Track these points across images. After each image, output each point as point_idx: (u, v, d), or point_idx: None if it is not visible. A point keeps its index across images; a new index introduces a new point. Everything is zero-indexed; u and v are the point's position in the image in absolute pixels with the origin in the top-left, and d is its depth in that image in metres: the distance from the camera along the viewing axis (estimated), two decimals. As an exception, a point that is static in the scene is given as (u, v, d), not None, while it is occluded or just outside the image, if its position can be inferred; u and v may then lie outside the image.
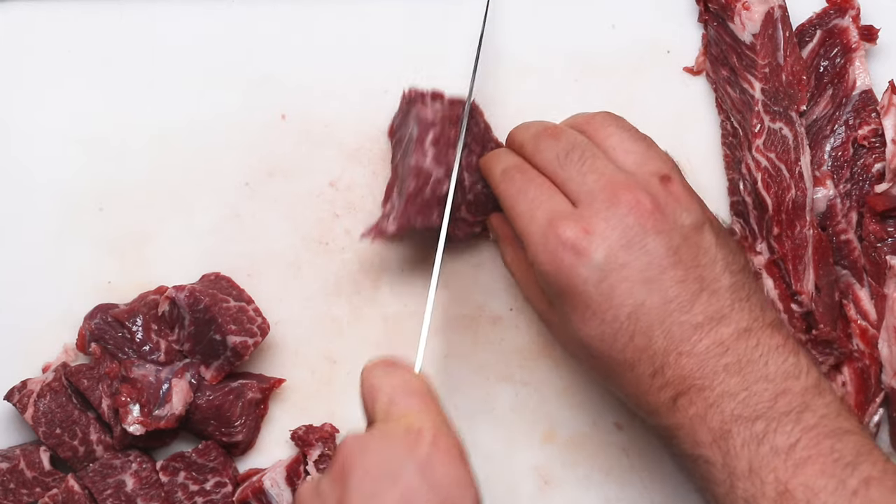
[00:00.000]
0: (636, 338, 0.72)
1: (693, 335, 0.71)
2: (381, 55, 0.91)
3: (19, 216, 0.89)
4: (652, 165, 0.76)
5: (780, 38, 0.86)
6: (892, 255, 0.85)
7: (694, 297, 0.72)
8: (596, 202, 0.73)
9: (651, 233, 0.72)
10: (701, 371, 0.71)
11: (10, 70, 0.91)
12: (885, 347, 0.84)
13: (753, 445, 0.69)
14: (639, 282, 0.72)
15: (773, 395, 0.70)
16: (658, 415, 0.73)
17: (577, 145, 0.76)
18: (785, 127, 0.85)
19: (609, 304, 0.72)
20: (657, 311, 0.72)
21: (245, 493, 0.84)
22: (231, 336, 0.83)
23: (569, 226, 0.73)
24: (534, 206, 0.75)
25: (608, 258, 0.72)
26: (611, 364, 0.74)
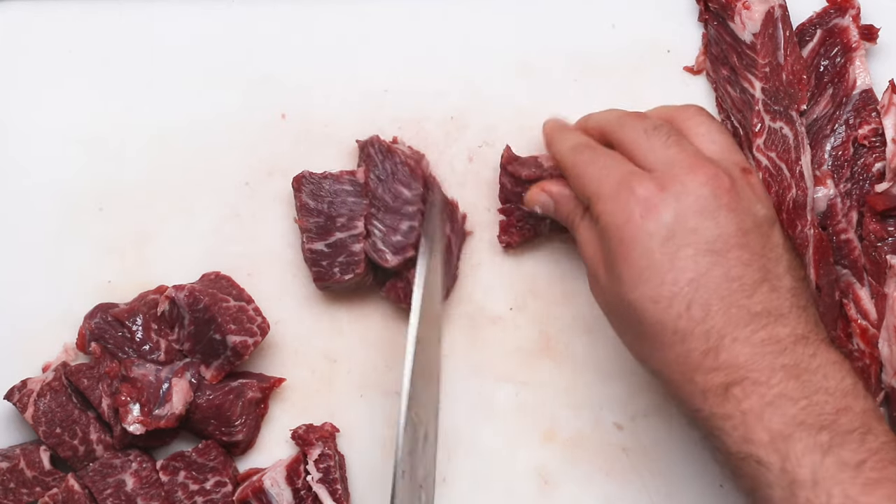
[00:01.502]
0: (693, 308, 0.70)
1: (751, 323, 0.70)
2: (381, 55, 0.91)
3: (19, 216, 0.89)
4: (736, 156, 0.76)
5: (780, 37, 0.86)
6: (892, 254, 0.85)
7: (756, 284, 0.71)
8: (675, 168, 0.73)
9: (724, 208, 0.72)
10: (757, 364, 0.69)
11: (10, 70, 0.91)
12: (885, 347, 0.84)
13: (818, 455, 0.67)
14: (705, 251, 0.71)
15: (834, 410, 0.68)
16: (705, 400, 0.70)
17: (663, 125, 0.76)
18: (785, 126, 0.85)
19: (671, 266, 0.71)
20: (719, 285, 0.70)
21: (245, 492, 0.84)
22: (231, 335, 0.83)
23: (643, 182, 0.73)
24: (606, 170, 0.75)
25: (678, 218, 0.71)
26: (661, 332, 0.71)
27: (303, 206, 0.85)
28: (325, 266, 0.85)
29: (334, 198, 0.85)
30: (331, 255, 0.85)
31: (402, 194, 0.85)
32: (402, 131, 0.89)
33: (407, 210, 0.85)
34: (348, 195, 0.85)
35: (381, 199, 0.85)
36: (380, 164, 0.85)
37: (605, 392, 0.88)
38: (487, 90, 0.90)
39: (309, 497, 0.84)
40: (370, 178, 0.85)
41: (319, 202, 0.85)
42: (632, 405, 0.87)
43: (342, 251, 0.85)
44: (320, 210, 0.85)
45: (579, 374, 0.88)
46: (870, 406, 0.70)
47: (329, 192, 0.85)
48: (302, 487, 0.85)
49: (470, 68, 0.90)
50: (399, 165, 0.85)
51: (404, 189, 0.85)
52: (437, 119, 0.90)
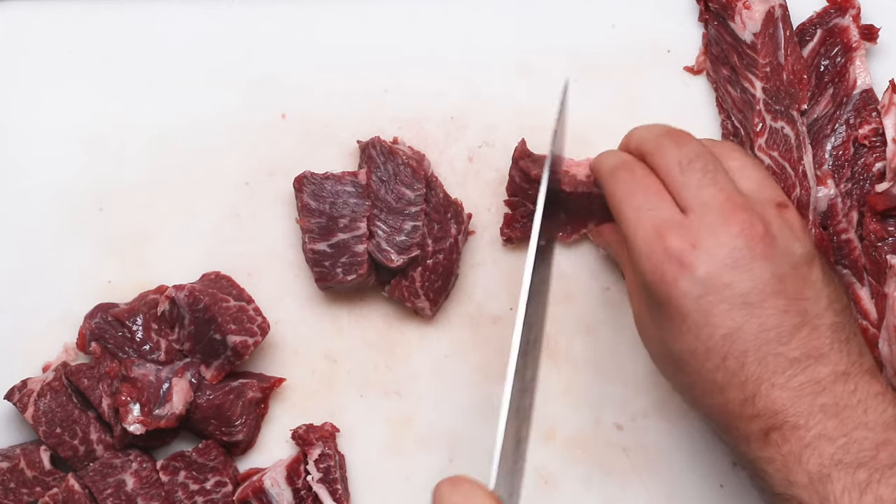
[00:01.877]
0: (729, 360, 0.70)
1: (788, 369, 0.70)
2: (381, 55, 0.91)
3: (19, 216, 0.89)
4: (770, 192, 0.75)
5: (780, 37, 0.86)
6: (892, 254, 0.85)
7: (794, 329, 0.70)
8: (708, 216, 0.72)
9: (759, 258, 0.71)
10: (795, 408, 0.69)
11: (10, 70, 0.91)
12: (885, 347, 0.84)
13: (856, 494, 0.67)
14: (739, 305, 0.70)
15: (874, 445, 0.68)
16: (748, 445, 0.71)
17: (701, 155, 0.74)
18: (787, 126, 0.85)
19: (706, 322, 0.70)
20: (754, 337, 0.70)
21: (245, 492, 0.84)
22: (231, 335, 0.83)
23: (676, 236, 0.71)
24: (641, 211, 0.73)
25: (711, 275, 0.70)
26: (701, 384, 0.72)
27: (304, 207, 0.85)
28: (327, 266, 0.85)
29: (336, 198, 0.85)
30: (333, 255, 0.85)
31: (404, 195, 0.85)
32: (403, 131, 0.89)
33: (410, 210, 0.85)
34: (350, 196, 0.85)
35: (384, 200, 0.85)
36: (381, 166, 0.85)
37: (605, 392, 0.88)
38: (487, 90, 0.90)
39: (309, 497, 0.85)
40: (372, 179, 0.85)
41: (321, 203, 0.85)
42: (632, 405, 0.87)
43: (345, 252, 0.85)
44: (322, 210, 0.85)
45: (579, 374, 0.88)
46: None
47: (331, 192, 0.85)
48: (302, 487, 0.85)
49: (470, 68, 0.90)
50: (401, 166, 0.85)
51: (407, 190, 0.85)
52: (437, 119, 0.90)
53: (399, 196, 0.85)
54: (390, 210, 0.85)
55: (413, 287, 0.86)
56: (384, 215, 0.85)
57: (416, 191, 0.85)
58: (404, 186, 0.85)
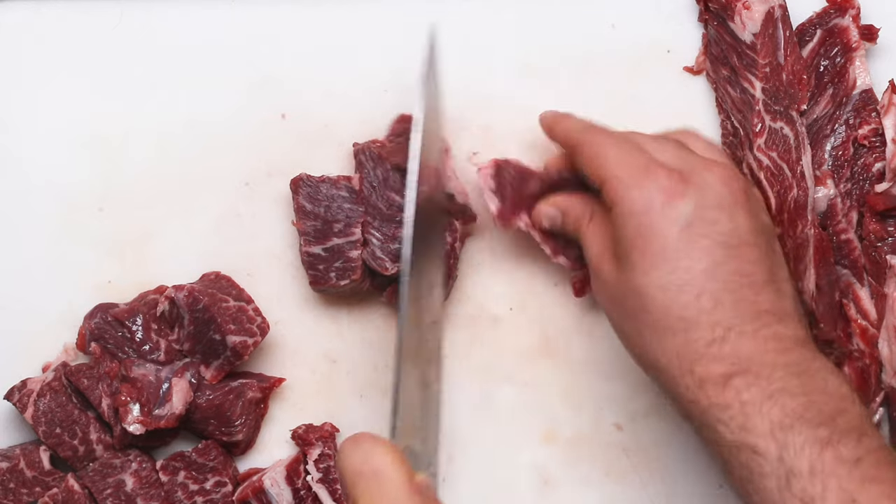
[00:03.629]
0: (703, 298, 0.71)
1: (757, 320, 0.71)
2: (381, 55, 0.91)
3: (20, 216, 0.89)
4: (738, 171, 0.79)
5: (780, 37, 0.86)
6: (892, 254, 0.85)
7: (764, 283, 0.72)
8: (696, 167, 0.75)
9: (740, 206, 0.74)
10: (760, 358, 0.70)
11: (11, 70, 0.91)
12: (885, 347, 0.84)
13: (816, 448, 0.68)
14: (720, 244, 0.72)
15: (833, 410, 0.69)
16: (702, 389, 0.71)
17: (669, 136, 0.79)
18: (786, 126, 0.85)
19: (687, 254, 0.72)
20: (730, 279, 0.72)
21: (245, 492, 0.84)
22: (230, 336, 0.83)
23: (667, 171, 0.74)
24: (628, 152, 0.76)
25: (699, 209, 0.73)
26: (665, 320, 0.72)
27: (300, 209, 0.85)
28: (321, 270, 0.85)
29: (331, 202, 0.85)
30: (327, 259, 0.85)
31: (394, 201, 0.85)
32: (402, 131, 0.89)
33: (401, 217, 0.85)
34: (345, 201, 0.85)
35: (376, 206, 0.85)
36: (371, 171, 0.85)
37: (605, 392, 0.88)
38: (487, 90, 0.90)
39: (309, 497, 0.85)
40: (364, 185, 0.85)
41: (316, 206, 0.85)
42: (632, 405, 0.87)
43: (339, 256, 0.85)
44: (317, 214, 0.85)
45: (579, 374, 0.88)
46: (865, 413, 0.71)
47: (326, 196, 0.85)
48: (302, 487, 0.85)
49: (470, 68, 0.90)
50: (390, 172, 0.85)
51: (396, 196, 0.85)
52: (437, 119, 0.90)
53: (389, 202, 0.85)
54: (382, 217, 0.85)
55: None
56: (377, 222, 0.85)
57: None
58: (394, 192, 0.85)
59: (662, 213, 0.73)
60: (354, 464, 0.66)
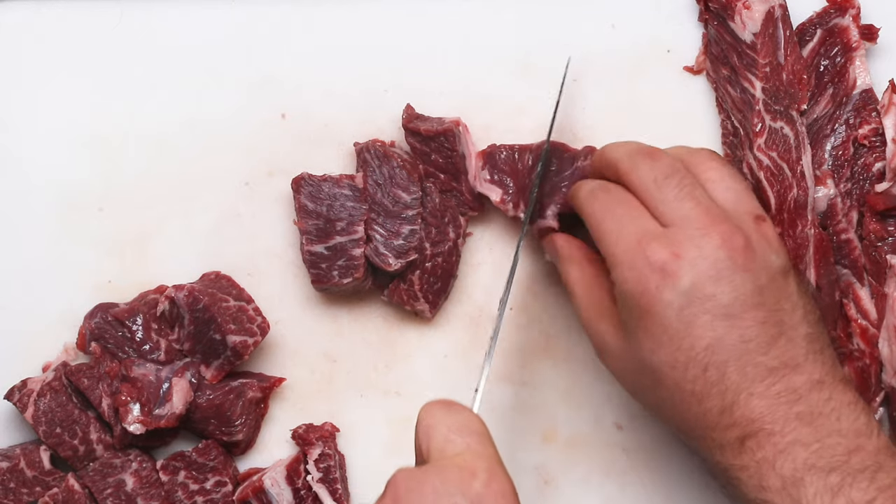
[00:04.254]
0: (709, 371, 0.71)
1: (767, 378, 0.71)
2: (381, 55, 0.91)
3: (20, 216, 0.89)
4: (748, 205, 0.76)
5: (780, 37, 0.86)
6: (892, 254, 0.85)
7: (772, 340, 0.71)
8: (690, 228, 0.73)
9: (740, 270, 0.72)
10: (772, 416, 0.70)
11: (11, 70, 0.91)
12: (885, 347, 0.84)
13: (828, 497, 0.68)
14: (721, 316, 0.71)
15: (846, 451, 0.69)
16: (723, 453, 0.72)
17: (676, 171, 0.76)
18: (786, 126, 0.85)
19: (687, 333, 0.71)
20: (734, 347, 0.71)
21: (245, 492, 0.84)
22: (231, 335, 0.83)
23: (659, 247, 0.72)
24: (622, 224, 0.74)
25: (695, 286, 0.71)
26: (678, 395, 0.72)
27: (301, 208, 0.85)
28: (323, 269, 0.85)
29: (333, 201, 0.85)
30: (330, 257, 0.85)
31: (400, 198, 0.85)
32: (402, 131, 0.89)
33: (407, 214, 0.85)
34: (347, 199, 0.85)
35: (381, 203, 0.85)
36: (377, 169, 0.85)
37: (605, 392, 0.88)
38: (487, 90, 0.90)
39: (309, 497, 0.85)
40: (368, 183, 0.85)
41: (318, 204, 0.85)
42: (632, 405, 0.87)
43: (342, 255, 0.85)
44: (319, 212, 0.85)
45: (579, 374, 0.88)
46: (883, 444, 0.70)
47: (328, 195, 0.85)
48: (302, 487, 0.85)
49: (470, 68, 0.90)
50: (396, 169, 0.85)
51: (402, 193, 0.85)
52: (437, 119, 0.90)
53: (395, 199, 0.85)
54: (387, 214, 0.85)
55: (412, 290, 0.86)
56: (381, 219, 0.85)
57: (412, 194, 0.85)
58: (400, 189, 0.85)
59: (658, 294, 0.72)
60: (453, 424, 0.69)
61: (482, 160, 0.86)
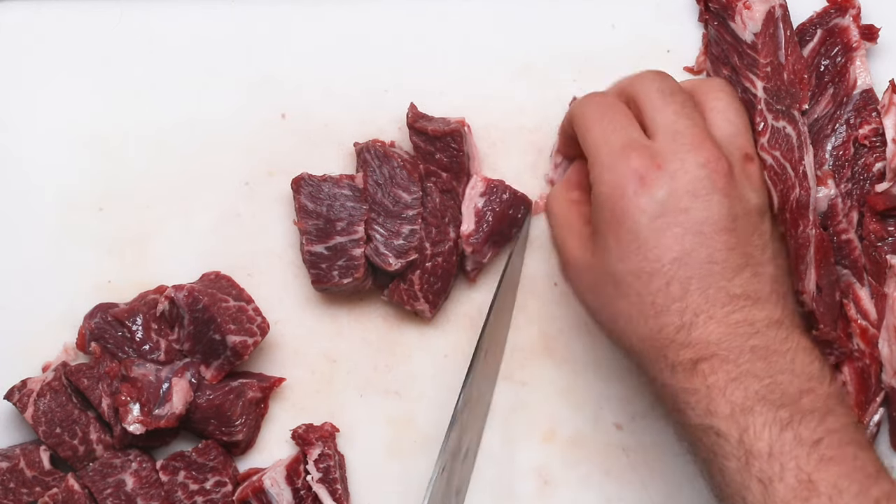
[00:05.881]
0: (672, 285, 0.72)
1: (727, 304, 0.71)
2: (381, 55, 0.91)
3: (20, 216, 0.89)
4: (742, 141, 0.77)
5: (781, 37, 0.86)
6: (892, 254, 0.85)
7: (738, 268, 0.72)
8: (678, 142, 0.74)
9: (718, 192, 0.73)
10: (728, 343, 0.71)
11: (11, 70, 0.91)
12: (885, 347, 0.84)
13: (776, 429, 0.69)
14: (692, 231, 0.72)
15: (798, 391, 0.70)
16: (673, 374, 0.72)
17: (682, 92, 0.77)
18: (788, 125, 0.85)
19: (657, 242, 0.72)
20: (700, 266, 0.72)
21: (245, 492, 0.84)
22: (230, 335, 0.83)
23: (642, 155, 0.74)
24: (609, 130, 0.75)
25: (671, 197, 0.72)
26: (638, 306, 0.73)
27: (301, 208, 0.85)
28: (324, 269, 0.85)
29: (333, 201, 0.85)
30: (330, 258, 0.85)
31: (401, 198, 0.85)
32: (402, 131, 0.89)
33: (407, 214, 0.85)
34: (347, 199, 0.85)
35: (381, 203, 0.85)
36: (377, 169, 0.85)
37: (605, 392, 0.88)
38: (487, 90, 0.90)
39: (309, 497, 0.85)
40: (368, 183, 0.85)
41: (318, 204, 0.85)
42: (632, 405, 0.87)
43: (342, 255, 0.85)
44: (319, 213, 0.85)
45: (579, 374, 0.88)
46: (834, 391, 0.71)
47: (328, 195, 0.86)
48: (302, 487, 0.85)
49: (470, 68, 0.90)
50: (396, 169, 0.85)
51: (403, 193, 0.85)
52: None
53: (396, 199, 0.85)
54: (388, 213, 0.85)
55: (412, 290, 0.86)
56: (381, 219, 0.85)
57: (413, 193, 0.85)
58: (400, 189, 0.85)
59: (634, 199, 0.73)
60: None
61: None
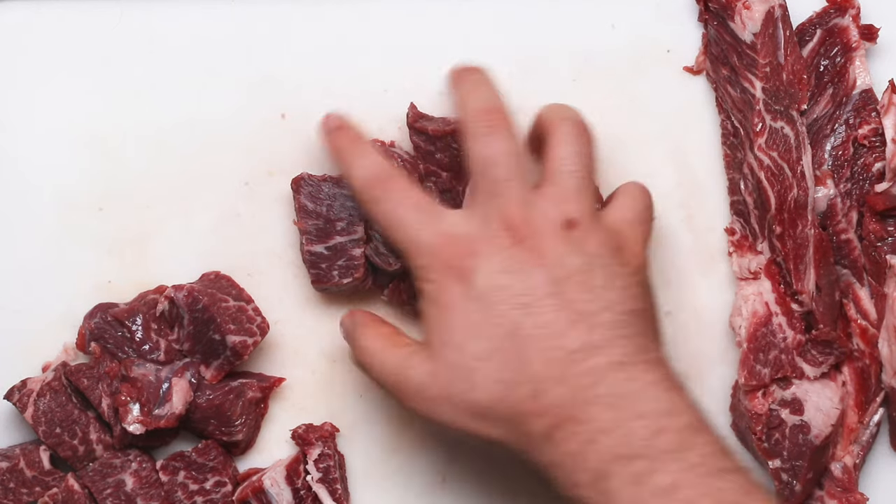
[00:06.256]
0: (513, 359, 0.72)
1: (567, 360, 0.71)
2: (381, 55, 0.91)
3: (19, 216, 0.89)
4: (570, 207, 0.76)
5: (780, 37, 0.86)
6: (892, 254, 0.85)
7: (570, 325, 0.72)
8: (489, 222, 0.75)
9: (531, 266, 0.73)
10: (573, 400, 0.70)
11: (10, 70, 0.91)
12: (885, 347, 0.84)
13: (633, 487, 0.68)
14: (516, 305, 0.72)
15: (650, 433, 0.69)
16: (540, 450, 0.71)
17: (510, 153, 0.77)
18: (786, 126, 0.85)
19: (487, 321, 0.72)
20: (533, 333, 0.72)
21: (245, 492, 0.84)
22: (230, 336, 0.83)
23: (453, 244, 0.75)
24: (416, 225, 0.76)
25: (489, 279, 0.73)
26: (491, 391, 0.72)
27: (301, 208, 0.85)
28: (323, 269, 0.85)
29: (333, 201, 0.85)
30: (330, 257, 0.85)
31: None
32: (402, 131, 0.89)
33: None
34: (347, 199, 0.85)
35: None
36: None
37: (605, 392, 0.87)
38: (487, 90, 0.90)
39: (309, 497, 0.85)
40: None
41: (318, 204, 0.85)
42: (632, 405, 0.87)
43: (342, 255, 0.85)
44: (319, 212, 0.85)
45: (579, 374, 0.88)
46: (691, 420, 0.71)
47: (328, 195, 0.85)
48: (302, 487, 0.85)
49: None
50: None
51: None
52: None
53: None
54: None
55: (412, 290, 0.86)
56: None
57: None
58: None
59: (456, 289, 0.74)
60: None
61: None
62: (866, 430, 0.85)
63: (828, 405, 0.83)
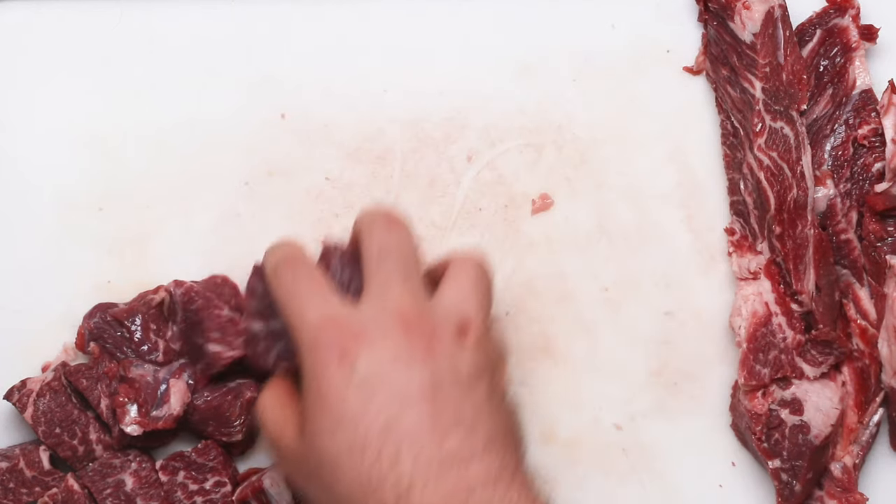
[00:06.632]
0: (384, 455, 0.69)
1: (439, 468, 0.68)
2: (381, 55, 0.91)
3: (19, 216, 0.89)
4: (465, 310, 0.74)
5: (780, 37, 0.86)
6: (891, 254, 0.85)
7: (448, 430, 0.69)
8: (382, 309, 0.72)
9: (420, 363, 0.71)
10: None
11: (10, 70, 0.91)
12: (884, 347, 0.84)
13: None
14: (396, 398, 0.69)
15: None
16: None
17: (401, 248, 0.75)
18: (786, 126, 0.85)
19: (364, 411, 0.69)
20: (408, 431, 0.69)
21: (245, 492, 0.84)
22: (210, 344, 0.83)
23: (339, 327, 0.71)
24: (306, 304, 0.73)
25: (372, 366, 0.70)
26: (357, 485, 0.69)
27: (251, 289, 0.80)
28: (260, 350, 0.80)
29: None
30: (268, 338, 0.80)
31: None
32: (402, 131, 0.89)
33: None
34: None
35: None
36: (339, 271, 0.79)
37: (605, 392, 0.88)
38: (487, 90, 0.90)
39: (308, 497, 0.85)
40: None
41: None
42: (631, 405, 0.87)
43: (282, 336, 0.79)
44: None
45: (579, 374, 0.88)
46: None
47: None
48: (301, 487, 0.85)
49: (470, 68, 0.90)
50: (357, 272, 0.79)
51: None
52: (436, 119, 0.90)
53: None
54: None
55: None
56: None
57: None
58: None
59: (337, 373, 0.70)
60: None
61: None
62: (866, 431, 0.85)
63: (827, 405, 0.83)
